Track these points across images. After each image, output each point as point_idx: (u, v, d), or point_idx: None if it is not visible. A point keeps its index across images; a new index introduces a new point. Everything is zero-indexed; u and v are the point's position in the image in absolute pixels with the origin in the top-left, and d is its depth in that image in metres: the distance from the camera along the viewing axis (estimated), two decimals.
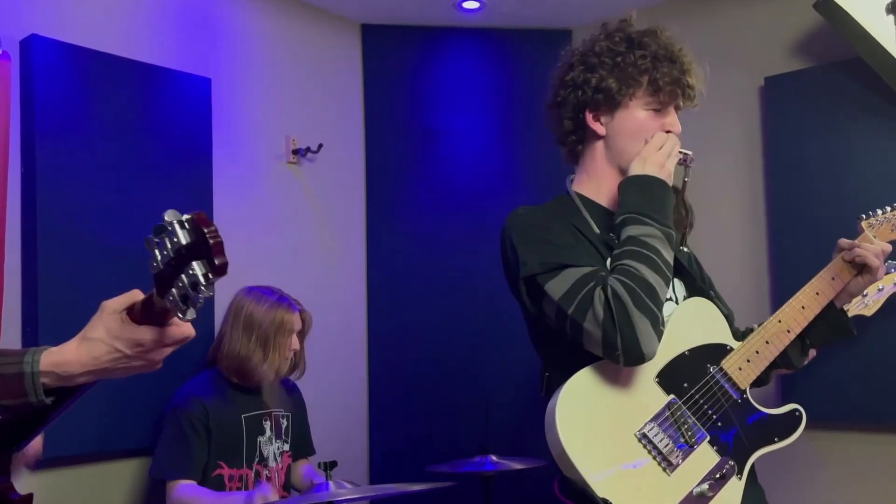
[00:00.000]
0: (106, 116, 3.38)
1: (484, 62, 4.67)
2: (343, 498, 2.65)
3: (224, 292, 3.50)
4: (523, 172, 4.53)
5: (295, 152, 4.16)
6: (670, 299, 2.15)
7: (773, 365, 2.24)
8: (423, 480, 3.11)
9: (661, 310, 1.91)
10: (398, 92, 4.57)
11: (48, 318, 3.14)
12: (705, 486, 1.96)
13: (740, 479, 2.02)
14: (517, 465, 3.46)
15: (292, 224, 4.17)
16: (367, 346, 4.46)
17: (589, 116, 2.17)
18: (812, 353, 3.30)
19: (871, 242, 2.22)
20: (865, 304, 3.19)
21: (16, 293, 3.15)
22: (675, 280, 2.21)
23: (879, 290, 3.18)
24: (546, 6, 4.41)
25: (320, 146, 4.17)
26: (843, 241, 2.24)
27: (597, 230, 2.13)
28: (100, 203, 3.32)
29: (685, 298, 2.19)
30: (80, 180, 3.27)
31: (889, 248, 2.22)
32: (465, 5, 4.35)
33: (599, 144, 2.20)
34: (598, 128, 2.17)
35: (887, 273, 3.19)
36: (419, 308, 4.43)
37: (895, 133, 3.55)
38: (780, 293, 3.74)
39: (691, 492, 1.94)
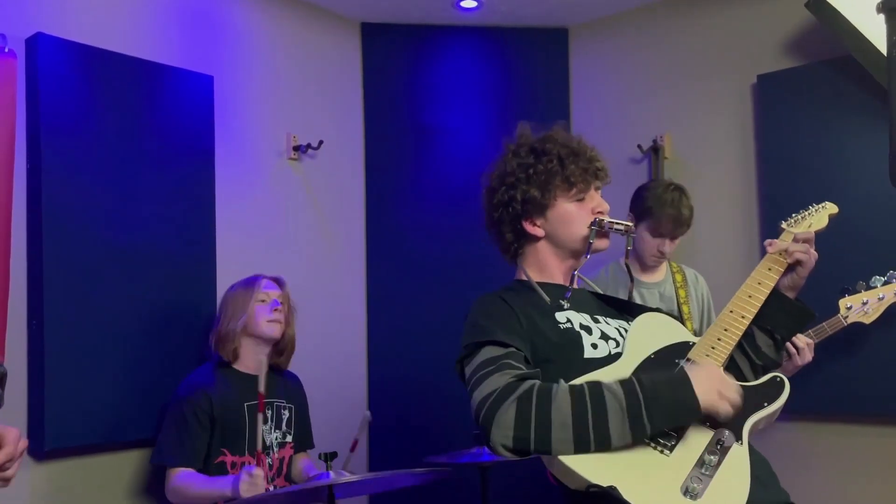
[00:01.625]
0: (110, 113, 3.39)
1: (481, 60, 4.68)
2: (343, 481, 2.66)
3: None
4: None
5: (296, 149, 4.17)
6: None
7: (760, 368, 2.31)
8: None
9: (543, 431, 1.94)
10: (397, 89, 4.57)
11: (53, 313, 3.15)
12: (710, 456, 1.99)
13: (741, 444, 2.04)
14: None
15: (293, 219, 4.18)
16: (366, 339, 4.47)
17: (526, 224, 2.37)
18: (806, 354, 3.30)
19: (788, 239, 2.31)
20: (865, 311, 3.21)
21: (21, 288, 3.16)
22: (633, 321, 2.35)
23: (880, 298, 3.20)
24: (543, 5, 4.42)
25: (321, 143, 4.18)
26: (768, 241, 2.33)
27: (548, 300, 2.29)
28: (104, 198, 3.34)
29: None
30: (84, 176, 3.28)
31: (811, 234, 2.29)
32: (463, 4, 4.36)
33: (540, 243, 2.39)
34: (537, 231, 2.37)
35: (888, 283, 3.21)
36: (418, 301, 4.44)
37: (885, 130, 3.55)
38: None
39: (696, 464, 1.97)
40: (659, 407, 1.95)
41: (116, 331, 3.33)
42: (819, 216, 2.39)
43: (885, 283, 3.21)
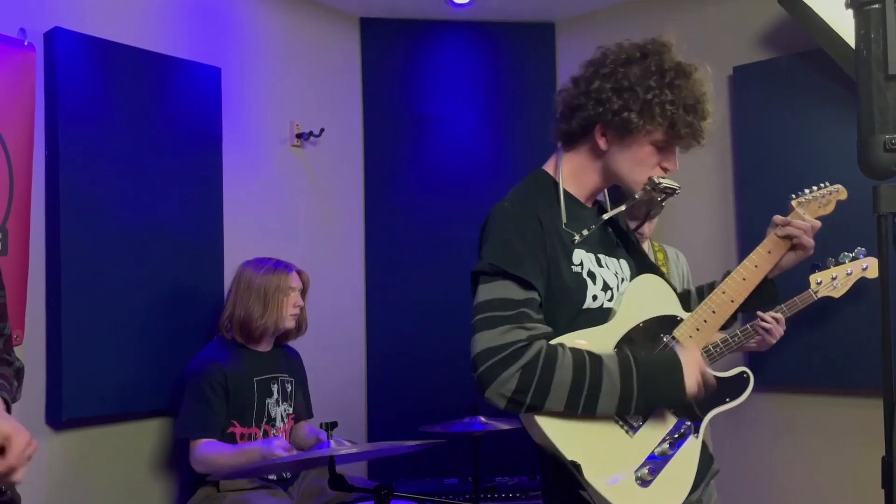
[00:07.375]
0: (124, 103, 3.40)
1: (473, 53, 4.68)
2: (344, 453, 2.68)
3: (235, 267, 3.52)
4: (508, 155, 4.56)
5: (298, 136, 4.19)
6: (624, 280, 2.13)
7: None
8: (416, 439, 3.13)
9: (540, 397, 1.83)
10: (394, 80, 4.59)
11: (70, 291, 3.18)
12: (666, 445, 1.96)
13: (697, 437, 2.01)
14: (503, 426, 3.49)
15: (296, 202, 4.20)
16: (364, 316, 4.50)
17: (597, 130, 2.03)
18: (778, 330, 3.25)
19: (801, 219, 2.18)
20: (834, 286, 3.21)
21: (40, 268, 3.18)
22: (623, 260, 2.19)
23: (848, 273, 3.20)
24: (531, 1, 4.43)
25: (322, 131, 4.20)
26: (777, 218, 2.19)
27: (564, 219, 2.03)
28: (118, 184, 3.35)
29: (632, 277, 2.17)
30: (99, 163, 3.30)
31: (819, 224, 2.19)
32: (457, 0, 4.36)
33: (594, 153, 2.08)
34: (602, 143, 2.04)
35: (855, 259, 3.21)
36: (413, 281, 4.47)
37: (854, 119, 3.56)
38: None
39: (653, 451, 1.95)
40: (649, 397, 1.89)
41: (130, 307, 3.36)
42: (828, 200, 2.28)
43: (853, 259, 3.22)
